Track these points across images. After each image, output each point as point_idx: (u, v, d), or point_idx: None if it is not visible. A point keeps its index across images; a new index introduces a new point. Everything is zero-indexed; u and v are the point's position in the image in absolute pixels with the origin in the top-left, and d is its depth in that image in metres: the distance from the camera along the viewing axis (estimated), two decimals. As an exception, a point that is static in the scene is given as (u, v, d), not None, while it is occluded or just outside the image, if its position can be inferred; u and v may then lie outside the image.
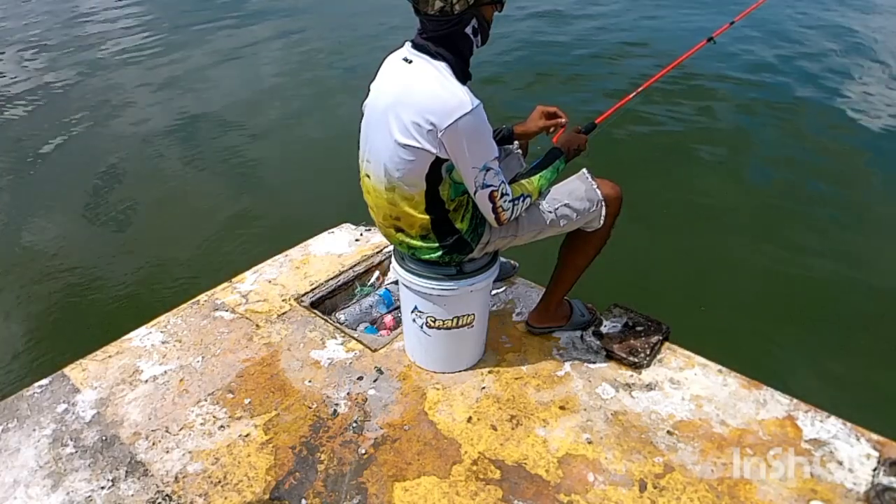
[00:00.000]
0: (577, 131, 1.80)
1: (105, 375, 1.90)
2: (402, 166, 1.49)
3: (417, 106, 1.43)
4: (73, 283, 3.50)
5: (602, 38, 6.80)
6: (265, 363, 1.93)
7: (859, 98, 5.15)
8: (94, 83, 6.79)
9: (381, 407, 1.75)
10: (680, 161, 4.32)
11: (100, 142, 5.33)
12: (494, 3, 1.50)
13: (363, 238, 2.58)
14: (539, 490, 1.48)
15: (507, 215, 1.56)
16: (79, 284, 3.48)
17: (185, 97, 6.19)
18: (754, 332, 2.78)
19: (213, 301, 2.23)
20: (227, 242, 3.72)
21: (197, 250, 3.69)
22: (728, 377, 1.78)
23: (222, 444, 1.64)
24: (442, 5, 1.41)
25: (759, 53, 6.10)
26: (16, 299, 3.46)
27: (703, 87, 5.34)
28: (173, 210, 4.22)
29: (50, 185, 4.65)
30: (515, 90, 5.51)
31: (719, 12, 6.72)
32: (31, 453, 1.65)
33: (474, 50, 1.52)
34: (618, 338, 1.90)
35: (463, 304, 1.72)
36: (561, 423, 1.66)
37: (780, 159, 4.29)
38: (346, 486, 1.51)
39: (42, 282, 3.54)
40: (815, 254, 3.33)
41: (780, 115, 4.91)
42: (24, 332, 3.14)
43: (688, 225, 3.59)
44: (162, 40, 8.17)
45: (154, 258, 3.67)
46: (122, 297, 3.32)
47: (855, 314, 2.89)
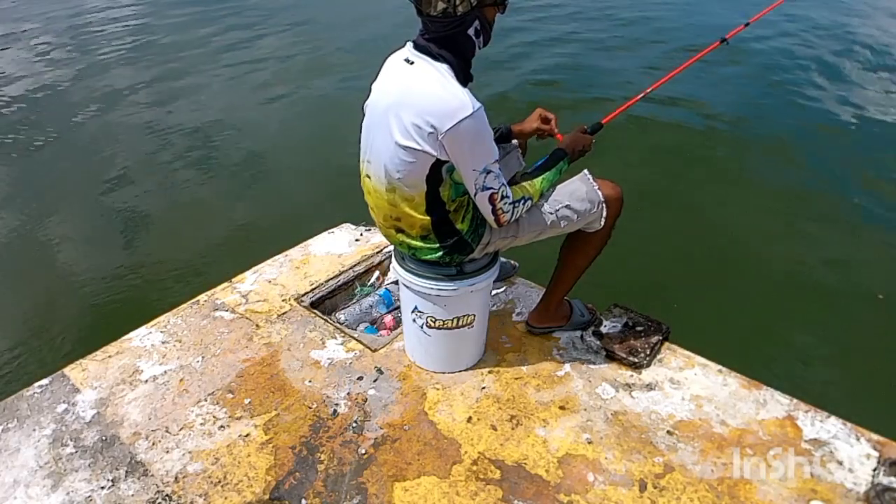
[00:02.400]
0: (582, 131, 1.78)
1: (105, 375, 1.90)
2: (402, 167, 1.49)
3: (418, 108, 1.43)
4: (73, 283, 3.49)
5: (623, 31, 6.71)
6: (265, 363, 1.93)
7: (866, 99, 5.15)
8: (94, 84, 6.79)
9: (381, 407, 1.75)
10: (681, 161, 4.33)
11: (100, 143, 5.33)
12: (497, 4, 1.49)
13: (363, 238, 2.58)
14: (539, 490, 1.48)
15: (506, 217, 1.56)
16: (79, 284, 3.47)
17: (185, 98, 6.19)
18: (754, 332, 2.78)
19: (213, 301, 2.23)
20: (228, 242, 3.72)
21: (197, 250, 3.68)
22: (728, 377, 1.78)
23: (222, 444, 1.64)
24: (444, 6, 1.41)
25: (770, 52, 6.08)
26: (16, 299, 3.46)
27: (706, 85, 5.34)
28: (173, 210, 4.22)
29: (50, 186, 4.65)
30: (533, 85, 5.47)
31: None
32: (31, 453, 1.64)
33: (476, 52, 1.52)
34: (618, 338, 1.90)
35: (463, 304, 1.72)
36: (561, 423, 1.66)
37: (781, 160, 4.30)
38: (346, 486, 1.51)
39: (42, 282, 3.54)
40: (816, 254, 3.33)
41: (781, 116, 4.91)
42: (24, 332, 3.14)
43: (688, 225, 3.59)
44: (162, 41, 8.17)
45: (154, 258, 3.67)
46: (123, 297, 3.32)
47: (855, 314, 2.89)
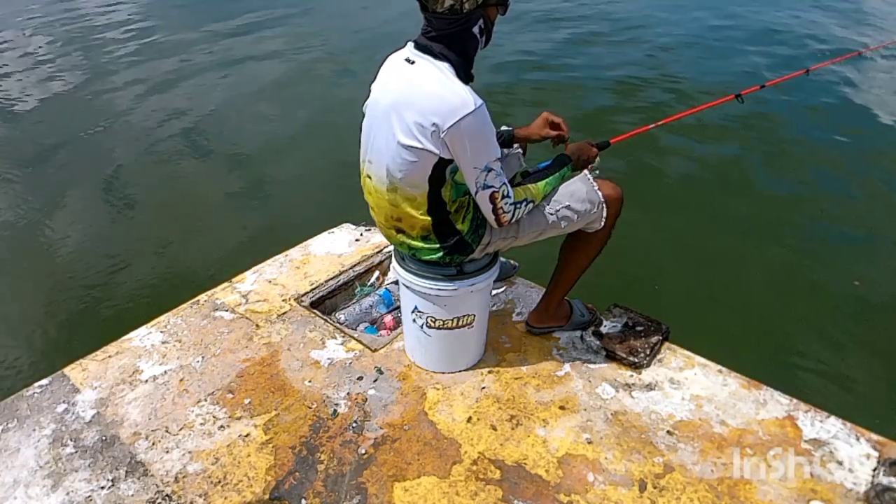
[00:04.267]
0: (589, 143, 1.79)
1: (105, 375, 1.90)
2: (404, 167, 1.49)
3: (420, 106, 1.43)
4: (73, 283, 3.50)
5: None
6: (265, 363, 1.93)
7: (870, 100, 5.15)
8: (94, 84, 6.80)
9: (381, 407, 1.75)
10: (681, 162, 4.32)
11: (100, 142, 5.34)
12: (499, 4, 1.50)
13: (363, 238, 2.58)
14: (539, 490, 1.48)
15: (507, 217, 1.55)
16: (79, 284, 3.47)
17: (185, 98, 6.20)
18: (754, 331, 2.78)
19: (213, 301, 2.23)
20: (228, 242, 3.72)
21: (197, 250, 3.69)
22: (728, 377, 1.78)
23: (222, 444, 1.64)
24: (452, 3, 1.41)
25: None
26: (16, 299, 3.46)
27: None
28: (174, 211, 4.22)
29: (50, 186, 4.65)
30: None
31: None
32: (31, 453, 1.64)
33: (478, 51, 1.52)
34: (618, 338, 1.90)
35: (463, 304, 1.72)
36: (561, 423, 1.66)
37: (782, 161, 4.29)
38: (346, 486, 1.51)
39: (42, 282, 3.55)
40: (816, 254, 3.33)
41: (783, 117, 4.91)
42: (24, 332, 3.14)
43: (688, 225, 3.59)
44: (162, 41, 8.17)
45: (154, 258, 3.67)
46: (123, 297, 3.32)
47: (855, 314, 2.89)
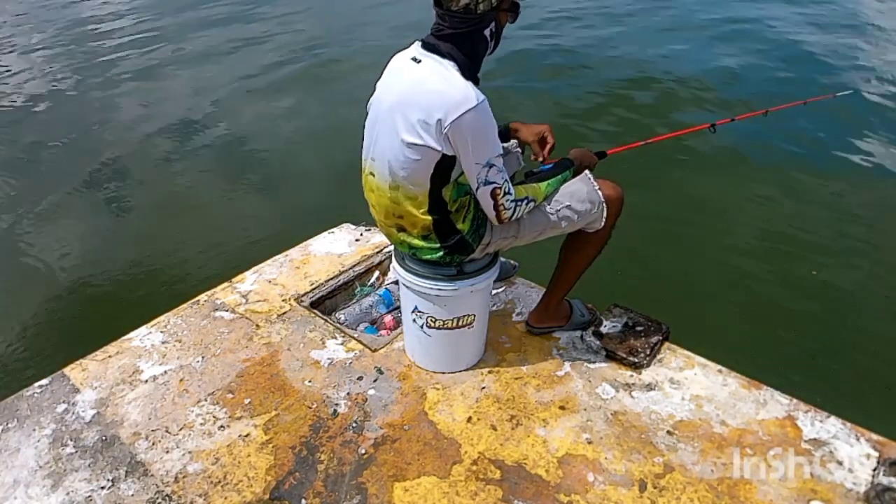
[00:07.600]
0: (590, 151, 1.81)
1: (105, 375, 1.90)
2: (407, 165, 1.49)
3: (424, 104, 1.43)
4: (73, 283, 3.49)
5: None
6: (265, 363, 1.93)
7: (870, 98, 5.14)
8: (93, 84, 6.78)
9: (381, 407, 1.75)
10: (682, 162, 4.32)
11: (100, 143, 5.33)
12: (511, 10, 1.52)
13: (363, 238, 2.58)
14: (539, 490, 1.48)
15: (508, 214, 1.55)
16: (79, 284, 3.47)
17: (184, 97, 6.18)
18: (754, 332, 2.78)
19: (213, 301, 2.23)
20: (228, 242, 3.72)
21: (197, 250, 3.68)
22: (728, 377, 1.78)
23: (222, 444, 1.64)
24: (467, 2, 1.42)
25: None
26: (16, 299, 3.46)
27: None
28: (174, 211, 4.22)
29: (50, 187, 4.64)
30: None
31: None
32: (31, 453, 1.64)
33: (487, 54, 1.53)
34: (618, 338, 1.90)
35: (463, 304, 1.72)
36: (561, 423, 1.66)
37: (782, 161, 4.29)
38: (346, 486, 1.51)
39: (42, 282, 3.54)
40: (816, 255, 3.33)
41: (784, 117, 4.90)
42: (24, 332, 3.14)
43: (688, 225, 3.59)
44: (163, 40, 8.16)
45: (154, 258, 3.67)
46: (122, 297, 3.32)
47: (855, 315, 2.89)
